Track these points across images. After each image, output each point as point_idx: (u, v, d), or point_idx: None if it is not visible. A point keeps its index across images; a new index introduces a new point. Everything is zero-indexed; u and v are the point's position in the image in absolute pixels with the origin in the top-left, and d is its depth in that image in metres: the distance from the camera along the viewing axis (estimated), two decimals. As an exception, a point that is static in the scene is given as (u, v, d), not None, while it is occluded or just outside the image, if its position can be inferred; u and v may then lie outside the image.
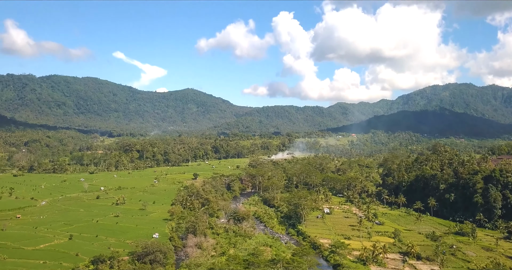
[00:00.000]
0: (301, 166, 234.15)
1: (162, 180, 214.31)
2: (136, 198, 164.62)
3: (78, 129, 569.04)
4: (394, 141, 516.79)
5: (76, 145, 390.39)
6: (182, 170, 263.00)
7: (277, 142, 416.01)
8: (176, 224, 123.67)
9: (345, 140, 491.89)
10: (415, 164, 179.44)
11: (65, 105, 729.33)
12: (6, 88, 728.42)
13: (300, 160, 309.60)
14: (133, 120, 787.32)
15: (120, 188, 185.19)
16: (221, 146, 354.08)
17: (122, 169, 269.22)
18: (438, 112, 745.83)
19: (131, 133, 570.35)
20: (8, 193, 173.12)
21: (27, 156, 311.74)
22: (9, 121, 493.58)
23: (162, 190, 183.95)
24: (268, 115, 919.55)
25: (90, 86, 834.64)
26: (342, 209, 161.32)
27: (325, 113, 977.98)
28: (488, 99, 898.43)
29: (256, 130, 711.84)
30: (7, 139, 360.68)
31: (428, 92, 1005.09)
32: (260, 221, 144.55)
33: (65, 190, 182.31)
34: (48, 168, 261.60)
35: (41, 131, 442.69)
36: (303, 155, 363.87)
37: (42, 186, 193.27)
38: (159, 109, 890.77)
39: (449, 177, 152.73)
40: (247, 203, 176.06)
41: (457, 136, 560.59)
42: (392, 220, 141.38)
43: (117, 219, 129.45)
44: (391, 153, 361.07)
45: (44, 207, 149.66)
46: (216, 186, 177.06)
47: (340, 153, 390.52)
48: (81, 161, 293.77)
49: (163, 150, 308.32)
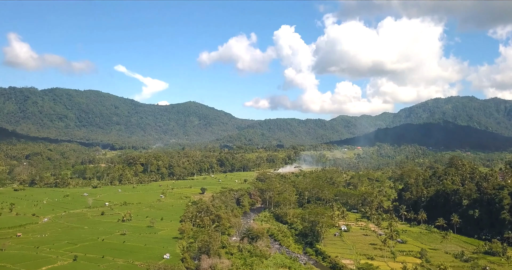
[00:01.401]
0: (311, 180, 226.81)
1: (169, 194, 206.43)
2: (143, 214, 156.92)
3: (80, 142, 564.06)
4: (400, 154, 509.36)
5: (78, 158, 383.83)
6: (188, 184, 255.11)
7: (282, 155, 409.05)
8: (187, 243, 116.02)
9: (351, 153, 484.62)
10: (434, 178, 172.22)
11: (66, 118, 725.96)
12: (8, 100, 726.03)
13: (308, 173, 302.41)
14: (135, 133, 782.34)
15: (126, 203, 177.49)
16: (226, 159, 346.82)
17: (126, 183, 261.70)
18: (442, 125, 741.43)
19: (133, 146, 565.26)
20: (8, 209, 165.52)
21: (28, 169, 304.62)
22: (11, 134, 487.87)
23: (169, 206, 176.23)
24: (270, 128, 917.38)
25: (92, 99, 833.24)
26: (359, 226, 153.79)
27: (327, 126, 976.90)
28: (491, 112, 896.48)
29: (258, 142, 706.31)
30: (8, 152, 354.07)
31: (430, 105, 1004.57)
32: (275, 239, 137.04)
33: (68, 206, 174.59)
34: (50, 182, 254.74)
35: (42, 144, 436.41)
36: (310, 168, 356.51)
37: (44, 201, 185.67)
38: (161, 122, 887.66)
39: (472, 192, 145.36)
40: (258, 219, 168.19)
41: (463, 149, 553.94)
42: (414, 238, 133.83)
43: (124, 238, 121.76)
44: (400, 166, 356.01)
45: (46, 224, 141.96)
46: (226, 201, 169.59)
47: (347, 166, 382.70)
48: (83, 175, 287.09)
49: (168, 163, 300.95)
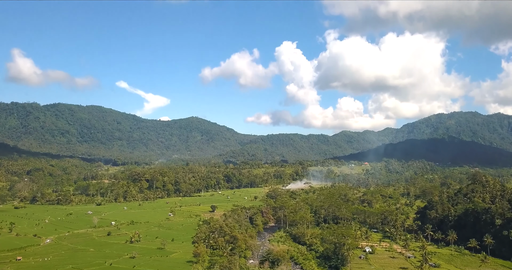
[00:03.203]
0: (325, 197, 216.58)
1: (178, 213, 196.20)
2: (152, 235, 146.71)
3: (82, 157, 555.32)
4: (409, 170, 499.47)
5: (80, 174, 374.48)
6: (196, 201, 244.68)
7: (289, 170, 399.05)
8: (203, 268, 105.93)
9: (359, 169, 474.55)
10: (459, 195, 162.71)
11: (68, 133, 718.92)
12: (10, 116, 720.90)
13: (318, 190, 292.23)
14: (137, 148, 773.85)
15: (133, 222, 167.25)
16: (233, 175, 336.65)
17: (131, 200, 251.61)
18: (447, 141, 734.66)
19: (136, 162, 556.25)
20: (8, 229, 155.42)
21: (30, 185, 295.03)
22: (12, 149, 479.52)
23: (179, 225, 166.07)
24: (272, 143, 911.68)
25: (94, 114, 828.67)
26: (383, 247, 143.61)
27: (330, 142, 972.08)
28: (495, 127, 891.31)
29: (261, 158, 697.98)
30: (9, 168, 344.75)
31: (433, 120, 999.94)
32: (295, 263, 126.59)
33: (71, 225, 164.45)
34: (52, 199, 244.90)
35: (44, 160, 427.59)
36: (320, 184, 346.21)
37: (46, 220, 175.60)
38: (163, 138, 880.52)
39: (505, 211, 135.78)
40: (273, 239, 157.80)
41: (471, 165, 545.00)
42: (446, 261, 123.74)
43: (134, 262, 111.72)
44: (411, 182, 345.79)
45: (49, 246, 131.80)
46: (240, 220, 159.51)
47: (356, 182, 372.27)
48: (86, 191, 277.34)
49: (174, 179, 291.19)
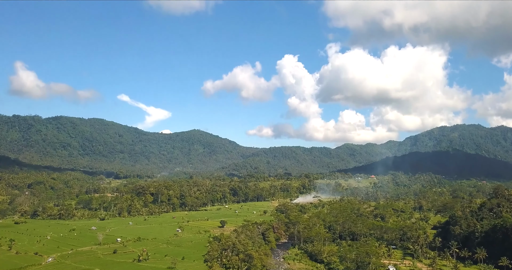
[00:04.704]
0: (338, 211, 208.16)
1: (186, 228, 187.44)
2: (160, 252, 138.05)
3: (84, 170, 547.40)
4: (416, 183, 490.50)
5: (82, 187, 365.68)
6: (203, 215, 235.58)
7: (296, 184, 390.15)
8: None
9: (367, 182, 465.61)
10: (484, 210, 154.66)
11: (70, 146, 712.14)
12: (11, 129, 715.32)
13: (327, 204, 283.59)
14: (138, 161, 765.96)
15: (140, 239, 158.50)
16: (239, 189, 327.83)
17: (136, 214, 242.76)
18: (452, 153, 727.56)
19: (138, 175, 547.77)
20: (7, 246, 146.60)
21: (30, 199, 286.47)
22: (13, 162, 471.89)
23: (188, 241, 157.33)
24: (275, 156, 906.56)
25: (96, 127, 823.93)
26: (406, 265, 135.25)
27: (332, 154, 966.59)
28: (498, 140, 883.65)
29: (264, 171, 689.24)
30: (10, 181, 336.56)
31: (436, 133, 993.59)
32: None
33: (75, 242, 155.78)
34: (54, 213, 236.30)
35: (45, 173, 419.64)
36: (328, 198, 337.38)
37: (47, 236, 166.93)
38: (165, 150, 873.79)
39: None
40: (288, 257, 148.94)
41: (478, 178, 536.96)
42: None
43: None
44: (421, 196, 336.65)
45: (51, 266, 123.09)
46: (253, 237, 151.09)
47: (365, 195, 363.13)
48: (89, 205, 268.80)
49: (179, 193, 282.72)
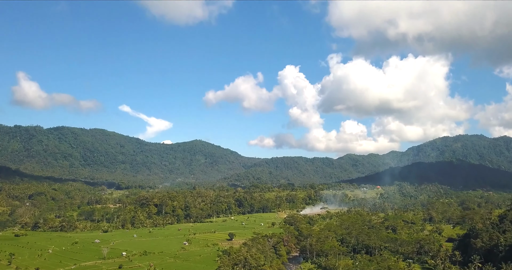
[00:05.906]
0: (349, 224, 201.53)
1: (193, 241, 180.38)
2: (168, 267, 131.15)
3: (85, 181, 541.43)
4: (422, 193, 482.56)
5: (83, 198, 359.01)
6: (210, 227, 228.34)
7: (302, 194, 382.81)
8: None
9: (373, 193, 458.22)
10: (506, 222, 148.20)
11: (71, 156, 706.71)
12: (12, 139, 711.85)
13: (335, 215, 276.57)
14: (140, 172, 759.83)
15: (146, 253, 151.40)
16: (245, 199, 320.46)
17: (140, 226, 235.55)
18: (455, 164, 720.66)
19: (140, 186, 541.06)
20: (7, 261, 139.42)
21: (31, 210, 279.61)
22: (14, 172, 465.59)
23: (196, 255, 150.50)
24: (277, 166, 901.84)
25: (98, 137, 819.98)
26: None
27: (335, 165, 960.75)
28: (501, 150, 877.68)
29: (267, 181, 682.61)
30: (10, 192, 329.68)
31: (438, 143, 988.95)
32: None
33: (78, 256, 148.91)
34: (55, 225, 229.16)
35: (46, 183, 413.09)
36: (336, 209, 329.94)
37: (49, 250, 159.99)
38: (166, 161, 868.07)
39: None
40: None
41: (484, 189, 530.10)
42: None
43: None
44: (430, 206, 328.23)
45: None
46: (265, 251, 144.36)
47: (372, 206, 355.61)
48: (91, 217, 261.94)
49: (183, 204, 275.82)
